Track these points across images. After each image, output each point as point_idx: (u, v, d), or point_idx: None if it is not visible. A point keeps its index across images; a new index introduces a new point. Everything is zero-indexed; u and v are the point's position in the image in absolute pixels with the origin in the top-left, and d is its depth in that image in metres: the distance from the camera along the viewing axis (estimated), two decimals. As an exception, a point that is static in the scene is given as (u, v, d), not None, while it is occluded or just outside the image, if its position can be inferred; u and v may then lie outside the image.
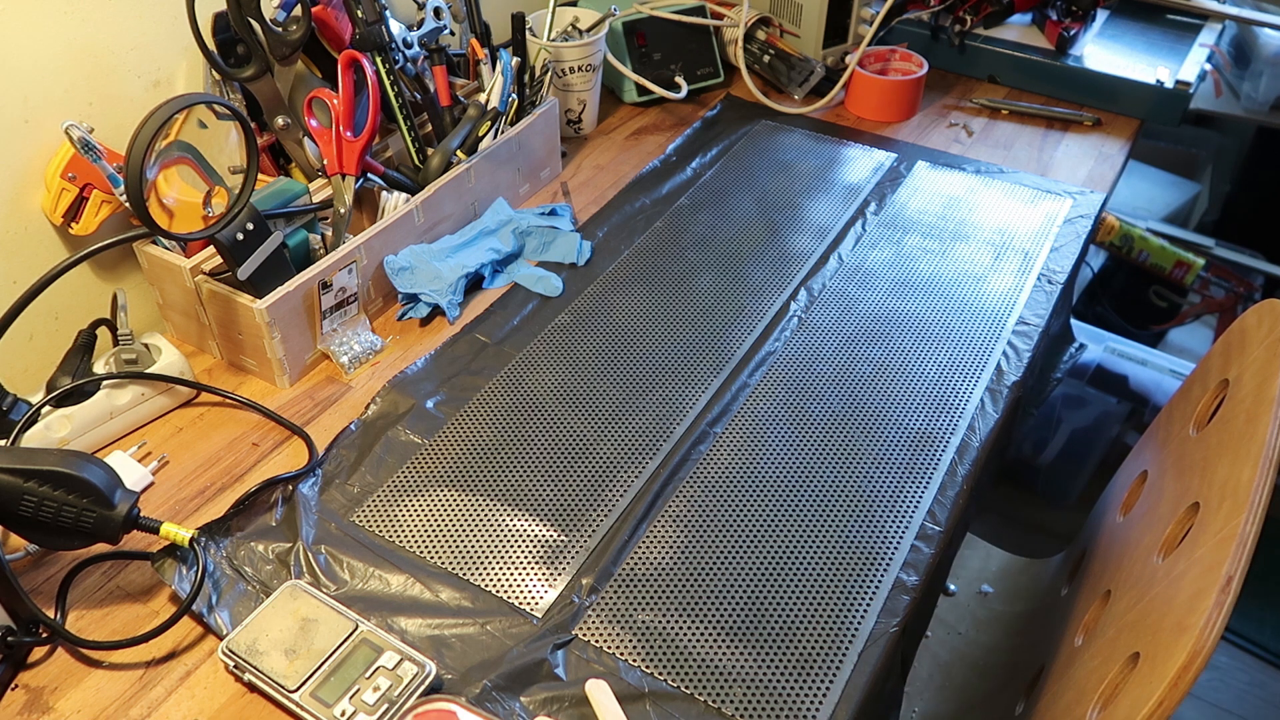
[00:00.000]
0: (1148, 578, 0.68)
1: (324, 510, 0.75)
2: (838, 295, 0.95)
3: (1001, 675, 0.94)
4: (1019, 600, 1.03)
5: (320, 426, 0.82)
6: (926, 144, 1.19)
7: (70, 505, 0.62)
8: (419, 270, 0.92)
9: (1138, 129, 1.21)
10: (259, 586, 0.69)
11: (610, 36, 1.21)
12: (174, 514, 0.75)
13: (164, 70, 0.87)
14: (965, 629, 1.01)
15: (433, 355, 0.89)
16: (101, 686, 0.64)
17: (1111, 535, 0.85)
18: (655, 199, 1.09)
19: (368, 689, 0.60)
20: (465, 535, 0.73)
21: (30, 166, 0.80)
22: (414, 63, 1.00)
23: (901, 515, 0.74)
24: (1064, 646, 0.81)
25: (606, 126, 1.24)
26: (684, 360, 0.88)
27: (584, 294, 0.96)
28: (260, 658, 0.62)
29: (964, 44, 1.29)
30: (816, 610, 0.67)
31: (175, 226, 0.85)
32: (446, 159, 0.98)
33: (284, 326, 0.82)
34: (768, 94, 1.25)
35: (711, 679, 0.63)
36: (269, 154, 0.96)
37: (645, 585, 0.69)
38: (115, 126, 0.83)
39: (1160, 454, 0.84)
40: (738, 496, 0.76)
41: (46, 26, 0.77)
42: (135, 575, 0.71)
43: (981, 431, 0.81)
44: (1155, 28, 1.32)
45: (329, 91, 0.91)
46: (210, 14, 0.89)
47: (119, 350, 0.81)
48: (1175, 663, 0.52)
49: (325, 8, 0.94)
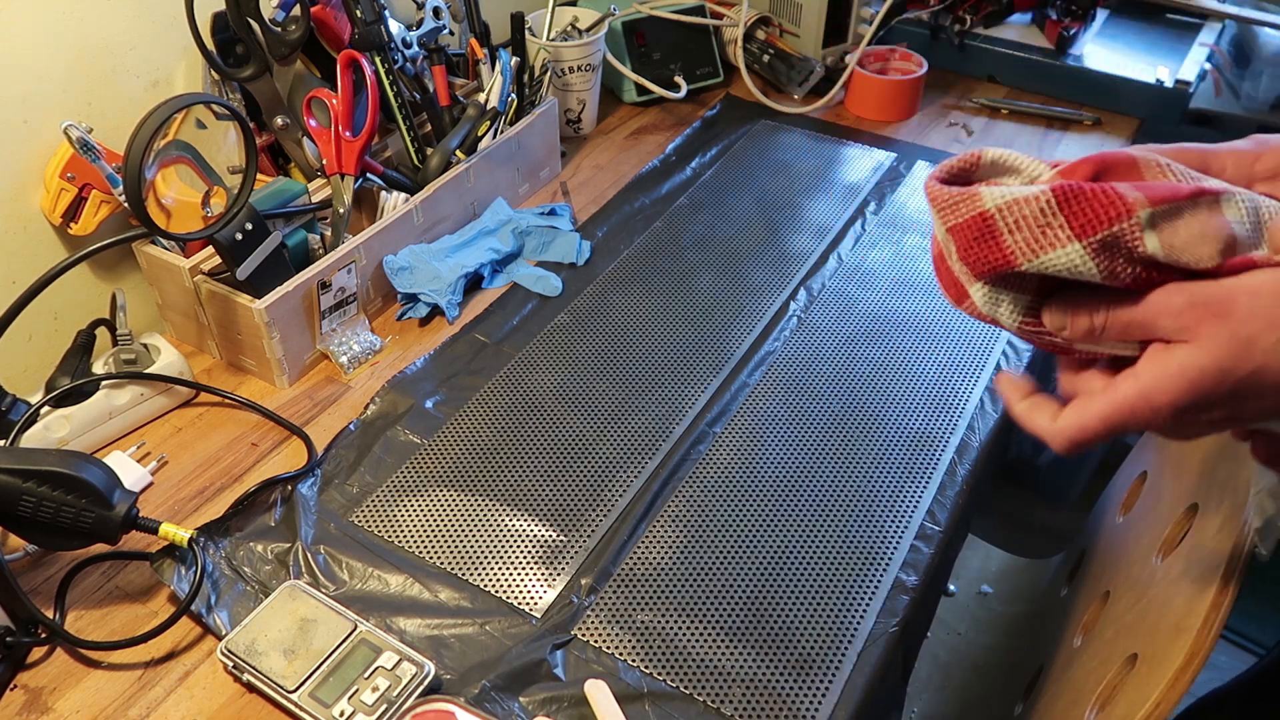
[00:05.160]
0: (1147, 578, 0.68)
1: (323, 510, 0.74)
2: (837, 295, 0.95)
3: (1001, 676, 0.94)
4: (1018, 601, 1.03)
5: (319, 426, 0.82)
6: (926, 144, 1.19)
7: (69, 505, 0.62)
8: (418, 270, 0.92)
9: (1137, 128, 1.21)
10: (258, 587, 0.69)
11: (610, 36, 1.21)
12: (173, 514, 0.75)
13: (163, 70, 0.87)
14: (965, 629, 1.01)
15: (432, 355, 0.88)
16: (100, 687, 0.64)
17: (1111, 536, 0.85)
18: (655, 199, 1.09)
19: (366, 689, 0.60)
20: (464, 535, 0.73)
21: (29, 166, 0.80)
22: (413, 62, 1.00)
23: (901, 515, 0.74)
24: (1063, 647, 0.81)
25: (606, 126, 1.23)
26: (683, 360, 0.88)
27: (583, 294, 0.95)
28: (259, 658, 0.62)
29: (964, 44, 1.29)
30: (816, 610, 0.67)
31: (174, 226, 0.85)
32: (446, 159, 0.98)
33: (283, 326, 0.82)
34: (767, 94, 1.25)
35: (711, 679, 0.63)
36: (268, 154, 0.96)
37: (644, 585, 0.69)
38: (114, 127, 0.83)
39: (1160, 454, 0.84)
40: (737, 496, 0.76)
41: (46, 26, 0.77)
42: (134, 575, 0.71)
43: (981, 431, 0.81)
44: (1155, 27, 1.32)
45: (328, 91, 0.91)
46: (209, 14, 0.89)
47: (118, 350, 0.81)
48: (1173, 664, 0.52)
49: (324, 7, 0.94)
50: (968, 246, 0.42)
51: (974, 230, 0.42)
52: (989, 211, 0.41)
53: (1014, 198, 0.40)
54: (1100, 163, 0.42)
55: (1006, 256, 0.41)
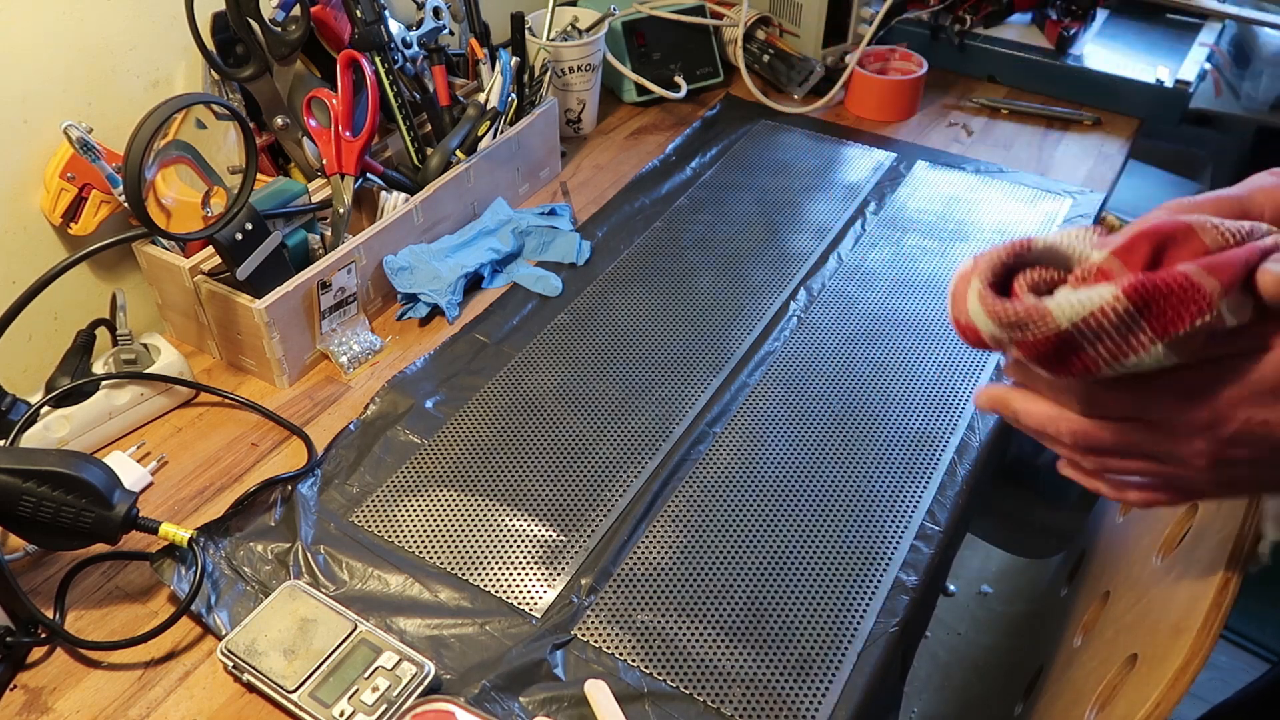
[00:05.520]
0: (1146, 578, 0.68)
1: (323, 510, 0.74)
2: (837, 295, 0.95)
3: (1001, 676, 0.95)
4: (1018, 601, 1.03)
5: (319, 426, 0.82)
6: (926, 143, 1.19)
7: (69, 505, 0.62)
8: (418, 270, 0.92)
9: (1137, 128, 1.21)
10: (258, 587, 0.69)
11: (610, 36, 1.21)
12: (173, 514, 0.75)
13: (163, 70, 0.87)
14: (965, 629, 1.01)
15: (432, 355, 0.88)
16: (100, 687, 0.64)
17: (1111, 536, 0.85)
18: (655, 199, 1.09)
19: (366, 689, 0.60)
20: (464, 535, 0.73)
21: (29, 167, 0.80)
22: (413, 62, 1.00)
23: (901, 515, 0.74)
24: (1063, 647, 0.81)
25: (606, 126, 1.23)
26: (683, 360, 0.88)
27: (583, 294, 0.95)
28: (259, 658, 0.62)
29: (964, 44, 1.29)
30: (816, 610, 0.67)
31: (174, 226, 0.85)
32: (446, 159, 0.98)
33: (283, 326, 0.82)
34: (767, 94, 1.25)
35: (710, 679, 0.63)
36: (268, 154, 0.96)
37: (644, 585, 0.69)
38: (114, 127, 0.83)
39: (1160, 454, 0.83)
40: (737, 496, 0.76)
41: (45, 26, 0.77)
42: (134, 575, 0.71)
43: (981, 431, 0.81)
44: (1155, 27, 1.32)
45: (328, 91, 0.91)
46: (209, 14, 0.89)
47: (118, 350, 0.81)
48: (1173, 664, 0.52)
49: (324, 7, 0.94)
50: (1045, 361, 0.41)
51: (1050, 347, 0.40)
52: (1065, 330, 0.39)
53: (1090, 310, 0.39)
54: (1156, 236, 0.40)
55: (1088, 367, 0.40)
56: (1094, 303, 0.39)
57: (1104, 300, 0.39)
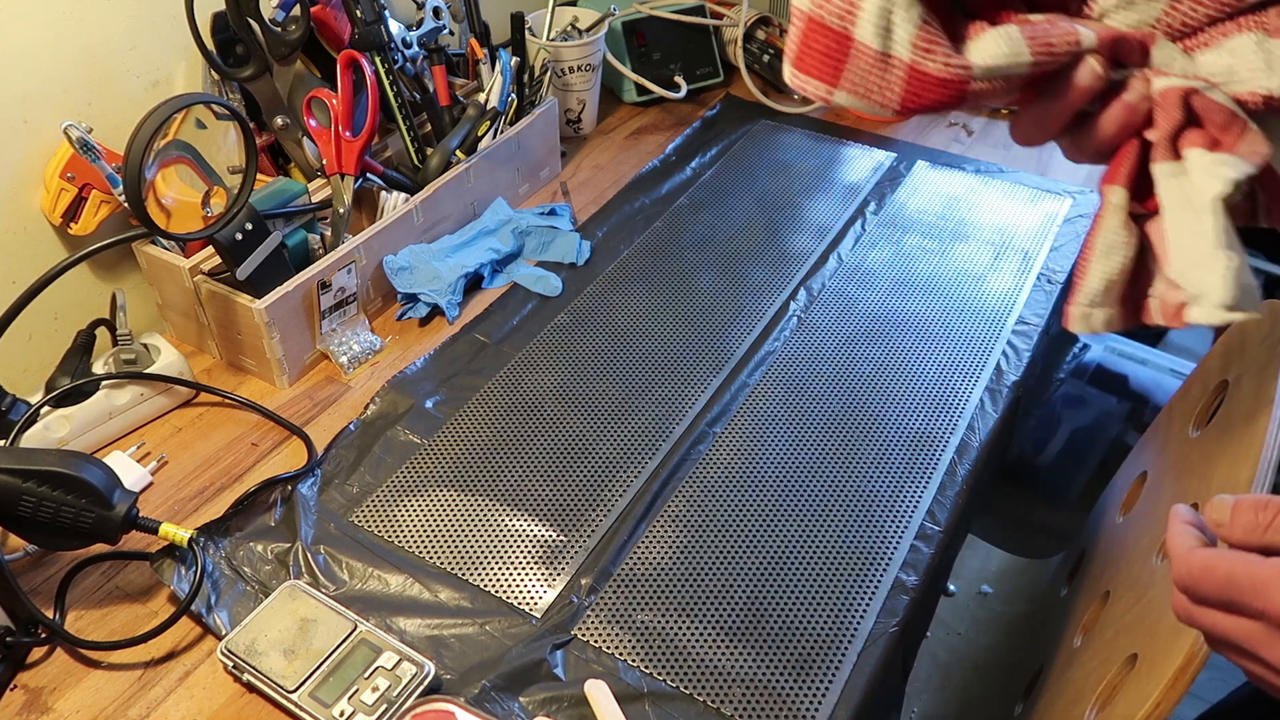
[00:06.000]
0: (1146, 579, 0.67)
1: (323, 510, 0.74)
2: (837, 295, 0.95)
3: (1001, 676, 0.94)
4: (1018, 601, 1.03)
5: (319, 426, 0.82)
6: (926, 143, 1.19)
7: (69, 505, 0.62)
8: (418, 270, 0.92)
9: (1138, 128, 1.21)
10: (258, 587, 0.69)
11: (610, 36, 1.21)
12: (173, 514, 0.75)
13: (163, 70, 0.87)
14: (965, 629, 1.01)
15: (432, 355, 0.88)
16: (100, 687, 0.64)
17: (1111, 536, 0.85)
18: (655, 199, 1.09)
19: (366, 689, 0.60)
20: (464, 535, 0.73)
21: (29, 166, 0.80)
22: (413, 62, 1.00)
23: (901, 515, 0.74)
24: (1063, 647, 0.81)
25: (606, 126, 1.23)
26: (683, 360, 0.88)
27: (583, 294, 0.95)
28: (259, 658, 0.62)
29: (964, 43, 1.29)
30: (816, 610, 0.67)
31: (174, 226, 0.85)
32: (446, 159, 0.98)
33: (283, 326, 0.82)
34: (767, 93, 1.25)
35: (710, 679, 0.63)
36: (268, 154, 0.96)
37: (644, 585, 0.69)
38: (114, 127, 0.83)
39: (1160, 454, 0.84)
40: (737, 496, 0.76)
41: (45, 27, 0.77)
42: (134, 575, 0.71)
43: (981, 431, 0.81)
44: (1155, 27, 1.32)
45: (328, 91, 0.91)
46: (209, 14, 0.89)
47: (118, 350, 0.81)
48: (1173, 664, 0.52)
49: (324, 7, 0.94)
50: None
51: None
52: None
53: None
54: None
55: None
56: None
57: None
